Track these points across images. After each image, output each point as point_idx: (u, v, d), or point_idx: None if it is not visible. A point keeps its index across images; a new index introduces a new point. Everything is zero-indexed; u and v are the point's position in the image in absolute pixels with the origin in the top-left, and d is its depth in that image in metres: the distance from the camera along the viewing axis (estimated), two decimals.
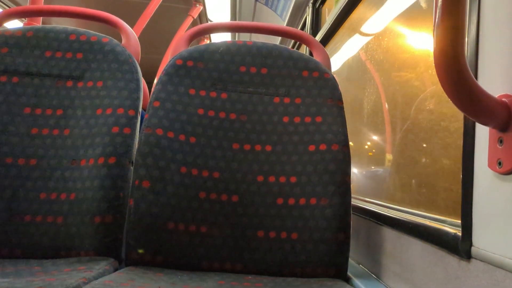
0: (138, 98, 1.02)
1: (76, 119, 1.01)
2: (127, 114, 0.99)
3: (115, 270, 0.85)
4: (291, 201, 0.93)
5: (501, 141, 0.54)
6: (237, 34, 4.38)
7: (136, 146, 0.96)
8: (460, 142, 0.64)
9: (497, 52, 0.57)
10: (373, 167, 1.50)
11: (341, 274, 0.89)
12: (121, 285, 0.68)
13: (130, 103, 1.00)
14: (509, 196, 0.53)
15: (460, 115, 0.67)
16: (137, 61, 1.10)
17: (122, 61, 1.05)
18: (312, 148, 0.96)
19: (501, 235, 0.54)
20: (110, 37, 1.11)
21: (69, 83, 1.05)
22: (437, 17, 0.49)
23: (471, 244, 0.59)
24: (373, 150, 1.53)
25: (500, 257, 0.53)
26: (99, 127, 0.98)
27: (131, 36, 1.17)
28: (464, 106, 0.53)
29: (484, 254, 0.56)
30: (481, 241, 0.58)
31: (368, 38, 1.58)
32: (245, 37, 4.26)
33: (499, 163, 0.54)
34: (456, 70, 0.51)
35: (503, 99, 0.54)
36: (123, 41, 1.17)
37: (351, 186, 0.95)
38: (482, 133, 0.58)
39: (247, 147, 0.99)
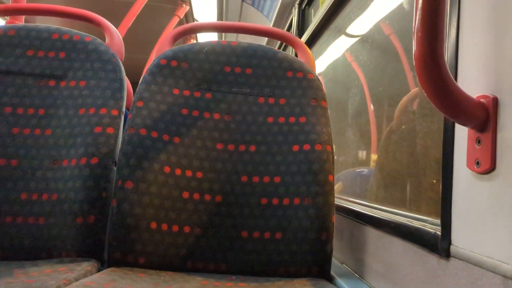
0: (122, 97, 1.02)
1: (58, 118, 1.00)
2: (110, 114, 0.98)
3: (97, 271, 0.84)
4: (275, 201, 0.93)
5: (479, 141, 0.55)
6: (223, 34, 4.38)
7: (120, 146, 0.95)
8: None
9: (476, 54, 0.58)
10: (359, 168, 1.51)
11: (324, 273, 0.90)
12: (103, 286, 0.68)
13: (113, 103, 1.00)
14: (486, 195, 0.54)
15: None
16: (121, 61, 1.09)
17: (105, 60, 1.04)
18: (296, 148, 0.97)
19: (479, 234, 0.55)
20: (94, 36, 1.10)
21: (52, 83, 1.03)
22: (417, 20, 0.50)
23: (450, 243, 0.60)
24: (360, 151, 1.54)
25: (478, 256, 0.54)
26: (82, 127, 0.97)
27: (114, 36, 1.16)
28: (443, 107, 0.54)
29: (462, 253, 0.57)
30: (460, 240, 0.59)
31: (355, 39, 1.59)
32: (231, 37, 4.26)
33: (477, 163, 0.55)
34: (436, 72, 0.52)
35: (481, 100, 0.55)
36: (106, 41, 1.16)
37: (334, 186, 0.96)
38: (461, 133, 0.59)
39: (231, 147, 0.99)
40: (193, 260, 0.90)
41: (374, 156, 1.38)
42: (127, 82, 1.19)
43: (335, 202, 1.05)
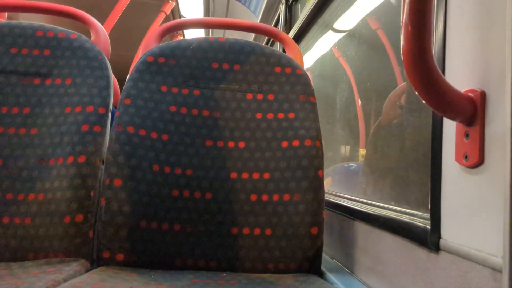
0: (109, 95, 1.00)
1: (43, 117, 0.98)
2: (97, 112, 0.97)
3: (87, 271, 0.83)
4: (265, 198, 0.93)
5: (467, 135, 0.55)
6: (210, 30, 4.36)
7: (107, 144, 0.94)
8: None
9: (463, 49, 0.58)
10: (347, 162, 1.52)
11: (315, 269, 0.90)
12: (92, 286, 0.67)
13: (100, 101, 0.98)
14: (474, 189, 0.54)
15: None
16: (107, 58, 1.08)
17: (91, 57, 1.03)
18: (285, 144, 0.97)
19: (468, 227, 0.55)
20: (79, 33, 1.08)
21: (36, 81, 1.02)
22: (405, 15, 0.50)
23: (439, 237, 0.61)
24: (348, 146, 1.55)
25: (467, 249, 0.54)
26: (68, 126, 0.96)
27: (100, 32, 1.14)
28: (432, 102, 0.55)
29: (451, 246, 0.58)
30: (449, 234, 0.59)
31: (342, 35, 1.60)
32: (218, 34, 4.24)
33: (466, 157, 0.55)
34: (423, 67, 0.52)
35: (469, 94, 0.55)
36: (92, 38, 1.14)
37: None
38: (450, 127, 0.60)
39: (220, 144, 0.98)
40: (183, 258, 0.89)
41: (362, 151, 1.38)
42: (113, 80, 1.17)
43: (325, 198, 1.05)
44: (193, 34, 4.82)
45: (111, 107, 1.01)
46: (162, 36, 1.17)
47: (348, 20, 1.49)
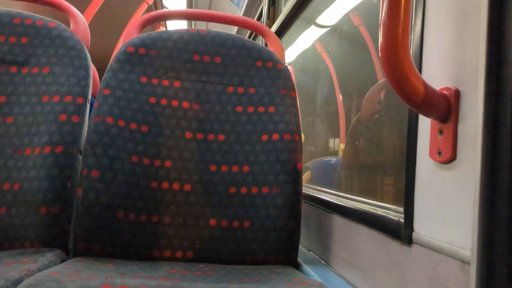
0: (87, 85, 0.99)
1: (20, 106, 0.96)
2: (76, 101, 0.96)
3: (62, 261, 0.82)
4: (244, 190, 0.94)
5: (441, 132, 0.57)
6: (193, 23, 4.32)
7: (85, 134, 0.93)
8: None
9: (440, 47, 0.60)
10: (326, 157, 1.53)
11: (292, 261, 0.91)
12: (67, 277, 0.67)
13: (79, 91, 0.97)
14: (447, 184, 0.56)
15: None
16: (87, 47, 1.06)
17: (70, 46, 1.02)
18: (265, 137, 0.97)
19: (440, 221, 0.57)
20: (58, 22, 1.07)
21: (13, 69, 1.00)
22: (383, 12, 0.51)
23: (412, 230, 0.62)
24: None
25: (438, 242, 0.56)
26: (45, 115, 0.94)
27: (80, 21, 1.13)
28: (408, 98, 0.56)
29: (423, 239, 0.59)
30: (421, 227, 0.61)
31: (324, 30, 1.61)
32: (201, 26, 4.21)
33: (439, 153, 0.57)
34: (400, 64, 0.53)
35: (444, 91, 0.56)
36: (71, 26, 1.13)
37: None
38: (425, 124, 0.61)
39: (200, 136, 0.98)
40: (161, 249, 0.89)
41: (342, 146, 1.40)
42: (93, 70, 1.16)
43: (303, 191, 1.06)
44: (175, 26, 4.78)
45: (90, 97, 1.00)
46: (143, 27, 1.16)
47: (331, 15, 1.50)
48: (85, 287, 0.61)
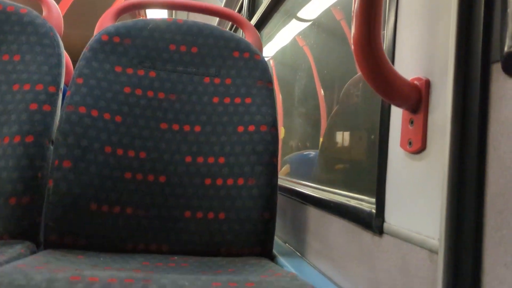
0: (60, 74, 0.97)
1: None
2: (47, 90, 0.93)
3: (32, 253, 0.81)
4: (219, 182, 0.93)
5: (412, 122, 0.57)
6: (174, 13, 4.27)
7: (57, 124, 0.91)
8: None
9: (413, 39, 0.60)
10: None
11: (267, 252, 0.91)
12: (35, 268, 0.65)
13: (51, 79, 0.95)
14: (416, 174, 0.56)
15: None
16: (60, 35, 1.04)
17: (42, 34, 0.99)
18: (241, 129, 0.97)
19: (409, 211, 0.57)
20: (29, 8, 1.04)
21: None
22: (356, 4, 0.51)
23: (383, 220, 0.63)
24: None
25: (407, 232, 0.56)
26: (16, 104, 0.92)
27: (52, 8, 1.10)
28: (380, 89, 0.56)
29: (394, 229, 0.60)
30: (392, 217, 0.61)
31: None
32: (182, 16, 4.16)
33: (410, 143, 0.57)
34: (372, 55, 0.53)
35: (415, 82, 0.57)
36: (44, 13, 1.10)
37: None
38: (396, 114, 0.62)
39: (175, 127, 0.97)
40: (134, 242, 0.88)
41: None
42: (66, 59, 1.13)
43: (280, 183, 1.06)
44: (155, 16, 4.72)
45: (62, 86, 0.98)
46: (118, 15, 1.14)
47: (312, 9, 1.50)
48: (53, 279, 0.60)
